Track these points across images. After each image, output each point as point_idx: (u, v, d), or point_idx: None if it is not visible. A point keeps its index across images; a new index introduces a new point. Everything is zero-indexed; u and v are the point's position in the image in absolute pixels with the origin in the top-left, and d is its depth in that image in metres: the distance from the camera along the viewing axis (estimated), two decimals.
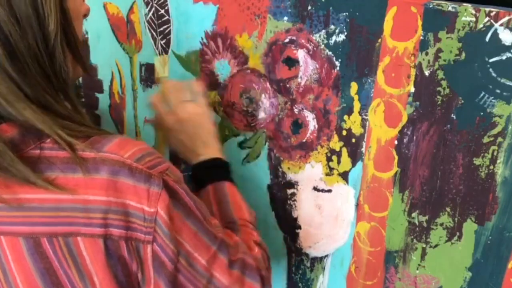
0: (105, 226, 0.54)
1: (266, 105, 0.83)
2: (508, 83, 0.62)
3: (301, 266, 0.89)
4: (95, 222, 0.54)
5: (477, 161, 0.67)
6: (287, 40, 0.77)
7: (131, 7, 0.92)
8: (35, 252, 0.54)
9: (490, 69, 0.62)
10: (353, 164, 0.78)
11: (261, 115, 0.84)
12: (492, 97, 0.63)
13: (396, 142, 0.73)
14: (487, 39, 0.61)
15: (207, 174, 0.77)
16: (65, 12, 0.57)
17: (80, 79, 1.05)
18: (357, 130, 0.76)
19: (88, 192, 0.53)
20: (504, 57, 0.61)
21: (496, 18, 0.60)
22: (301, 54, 0.76)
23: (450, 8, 0.63)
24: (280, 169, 0.86)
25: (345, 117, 0.76)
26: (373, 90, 0.72)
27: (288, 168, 0.85)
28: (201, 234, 0.60)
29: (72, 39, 0.58)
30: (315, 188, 0.83)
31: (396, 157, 0.73)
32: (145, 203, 0.55)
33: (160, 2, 0.88)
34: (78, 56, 0.60)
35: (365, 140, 0.75)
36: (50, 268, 0.54)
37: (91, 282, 0.55)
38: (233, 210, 0.73)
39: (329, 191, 0.81)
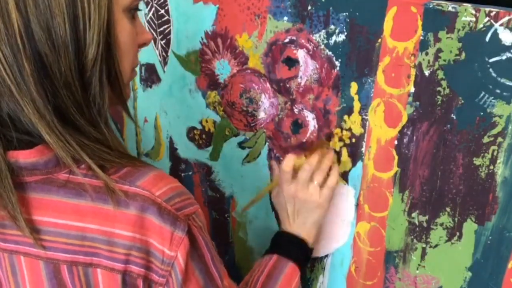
0: (126, 262, 0.54)
1: (266, 105, 0.83)
2: (508, 83, 0.62)
3: None
4: (117, 256, 0.53)
5: (477, 161, 0.67)
6: (287, 40, 0.77)
7: None
8: (54, 278, 0.54)
9: (490, 69, 0.62)
10: (353, 164, 0.78)
11: (261, 115, 0.84)
12: (492, 97, 0.63)
13: (396, 142, 0.73)
14: (487, 39, 0.61)
15: (283, 245, 0.77)
16: (109, 44, 0.53)
17: None
18: (357, 130, 0.76)
19: (115, 225, 0.53)
20: (504, 57, 0.61)
21: (496, 18, 0.60)
22: (301, 54, 0.76)
23: (450, 8, 0.63)
24: None
25: (345, 117, 0.76)
26: (373, 90, 0.72)
27: None
28: None
29: (113, 72, 0.55)
30: None
31: (396, 157, 0.73)
32: (166, 245, 0.54)
33: (160, 2, 0.88)
34: (117, 90, 0.57)
35: (365, 140, 0.75)
36: None
37: None
38: None
39: None
